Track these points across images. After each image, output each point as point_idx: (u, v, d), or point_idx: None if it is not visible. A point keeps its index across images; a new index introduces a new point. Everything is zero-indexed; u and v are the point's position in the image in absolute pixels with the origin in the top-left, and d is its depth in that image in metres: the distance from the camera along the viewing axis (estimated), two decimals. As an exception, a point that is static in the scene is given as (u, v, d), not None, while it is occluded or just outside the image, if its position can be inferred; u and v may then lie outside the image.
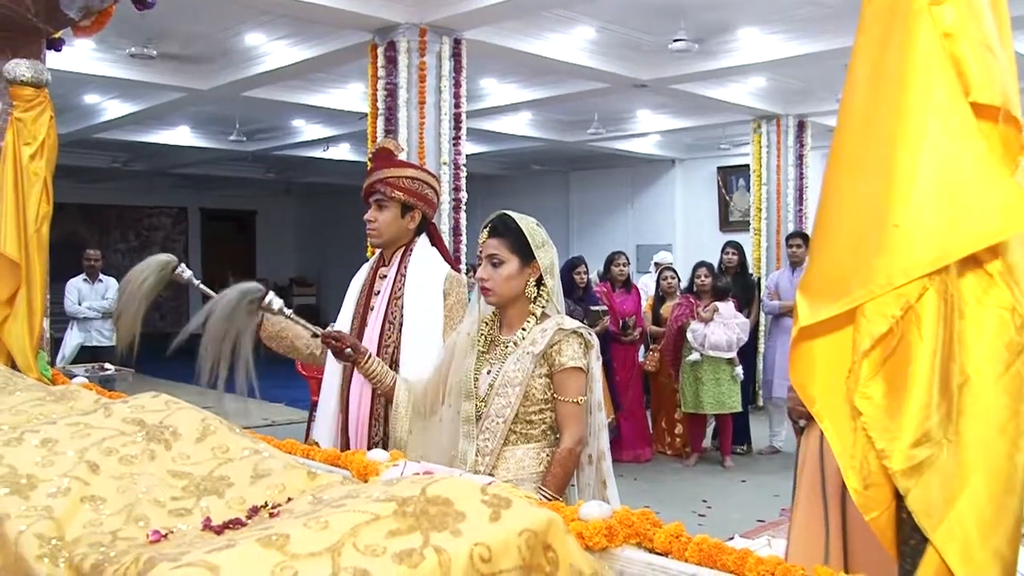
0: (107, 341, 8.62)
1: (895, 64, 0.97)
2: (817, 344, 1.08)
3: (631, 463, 7.54)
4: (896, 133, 0.96)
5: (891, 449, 0.95)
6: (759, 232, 11.11)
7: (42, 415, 1.91)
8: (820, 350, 1.08)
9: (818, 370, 1.08)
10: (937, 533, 0.93)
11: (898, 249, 0.94)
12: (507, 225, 2.54)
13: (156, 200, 20.29)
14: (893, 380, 0.97)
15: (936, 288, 0.95)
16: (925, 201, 0.94)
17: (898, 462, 0.94)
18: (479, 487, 1.10)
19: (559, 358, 2.45)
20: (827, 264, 1.03)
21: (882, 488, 0.99)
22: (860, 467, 1.00)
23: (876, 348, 0.97)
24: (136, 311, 2.78)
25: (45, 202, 3.09)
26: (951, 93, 0.95)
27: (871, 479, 0.99)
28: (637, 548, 1.46)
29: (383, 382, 2.75)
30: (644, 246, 15.40)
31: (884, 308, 0.96)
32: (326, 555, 0.96)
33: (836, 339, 1.06)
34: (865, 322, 0.98)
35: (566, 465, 2.43)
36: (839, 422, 1.04)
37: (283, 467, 1.48)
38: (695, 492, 6.82)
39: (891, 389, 0.97)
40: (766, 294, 8.36)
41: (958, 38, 0.94)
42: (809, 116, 11.19)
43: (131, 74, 9.04)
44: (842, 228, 1.02)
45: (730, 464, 7.62)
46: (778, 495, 6.52)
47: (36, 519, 1.32)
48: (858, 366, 0.99)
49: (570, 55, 8.46)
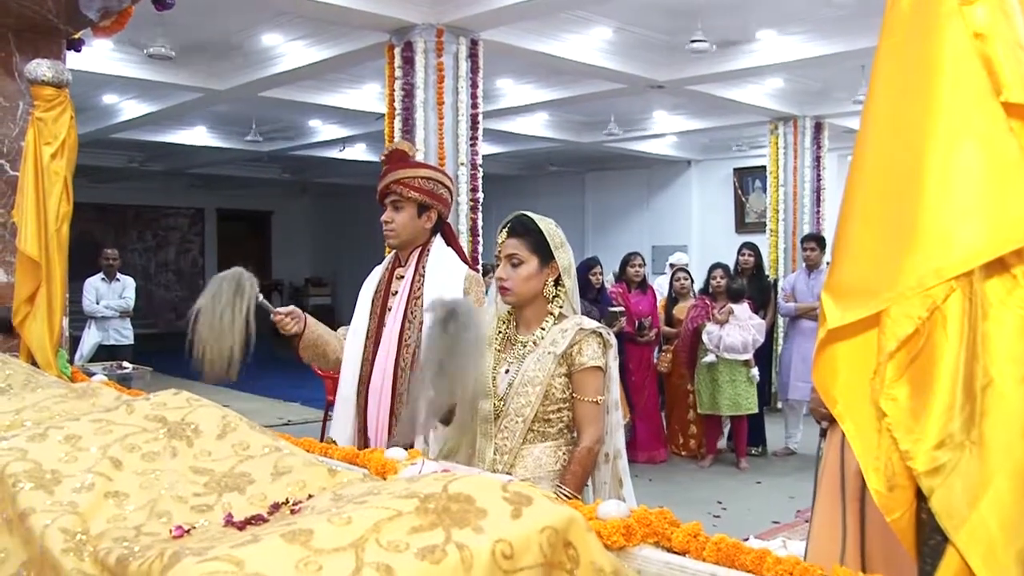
0: (125, 340, 8.69)
1: (924, 65, 0.97)
2: (840, 346, 1.07)
3: (646, 464, 7.53)
4: (925, 133, 0.96)
5: (915, 450, 0.95)
6: (775, 234, 11.07)
7: (65, 412, 1.93)
8: (843, 352, 1.07)
9: (841, 372, 1.08)
10: (960, 534, 0.93)
11: (929, 250, 0.94)
12: (526, 226, 2.55)
13: (173, 200, 20.41)
14: (918, 381, 0.97)
15: (962, 289, 0.95)
16: (956, 201, 0.94)
17: (922, 463, 0.94)
18: (500, 484, 1.11)
19: (579, 358, 2.46)
20: (854, 265, 1.03)
21: (906, 489, 0.99)
22: (884, 468, 1.00)
23: (902, 350, 0.97)
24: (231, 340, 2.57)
25: (65, 202, 3.11)
26: (982, 93, 0.94)
27: (895, 480, 0.99)
28: (655, 547, 1.46)
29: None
30: (660, 247, 15.38)
31: (910, 309, 0.96)
32: (350, 550, 0.96)
33: (859, 341, 1.05)
34: (891, 323, 0.97)
35: (585, 464, 2.45)
36: (862, 423, 1.04)
37: (304, 464, 1.49)
38: (710, 493, 6.81)
39: (916, 390, 0.97)
40: (782, 296, 8.33)
41: (990, 38, 0.94)
42: (826, 117, 11.16)
43: (149, 74, 9.09)
44: (869, 229, 1.01)
45: (745, 466, 7.61)
46: (793, 497, 6.50)
47: (61, 514, 1.33)
48: (883, 367, 0.99)
49: (587, 56, 8.45)
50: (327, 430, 3.55)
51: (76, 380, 2.97)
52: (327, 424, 7.47)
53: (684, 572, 1.38)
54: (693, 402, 7.78)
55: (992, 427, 0.93)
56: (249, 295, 2.66)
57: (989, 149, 0.94)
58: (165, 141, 13.57)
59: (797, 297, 7.96)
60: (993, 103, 0.94)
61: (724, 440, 8.09)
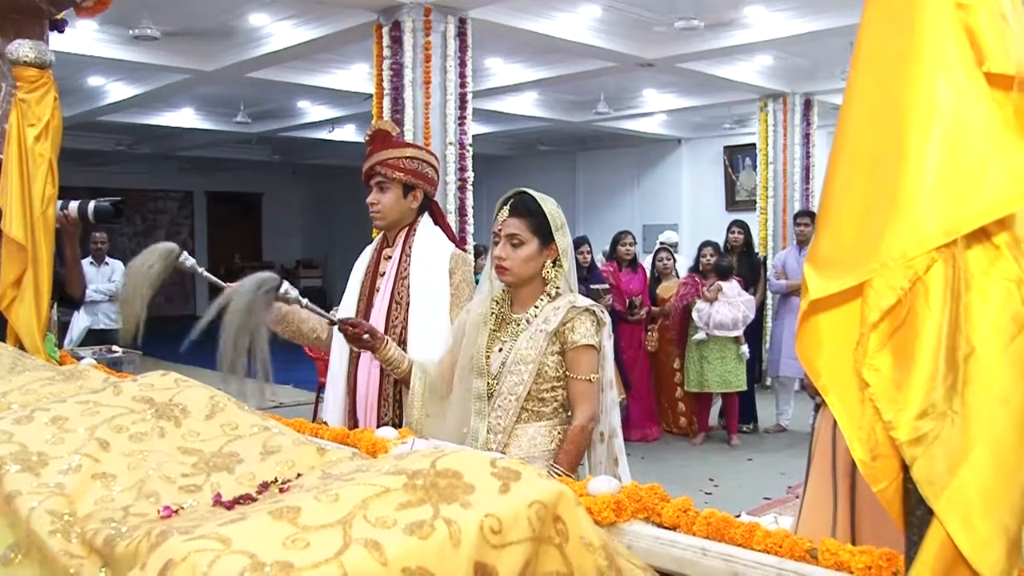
0: (114, 324, 8.62)
1: (905, 36, 0.96)
2: (822, 318, 1.08)
3: (639, 442, 7.57)
4: (906, 104, 0.96)
5: (898, 420, 0.95)
6: (765, 211, 11.09)
7: (51, 394, 1.92)
8: (825, 324, 1.08)
9: (824, 344, 1.08)
10: (939, 502, 0.94)
11: (911, 221, 0.94)
12: (528, 206, 2.53)
13: (161, 183, 20.29)
14: (900, 352, 0.97)
15: (944, 260, 0.95)
16: (939, 171, 0.93)
17: (904, 433, 0.95)
18: (488, 460, 1.11)
19: (571, 336, 2.46)
20: (836, 236, 1.03)
21: (889, 459, 1.00)
22: (868, 438, 1.00)
23: (884, 320, 0.98)
24: (140, 299, 2.79)
25: (51, 184, 3.09)
26: (964, 63, 0.94)
27: (878, 450, 1.00)
28: (645, 523, 1.47)
29: (400, 367, 2.74)
30: (650, 226, 15.38)
31: (892, 280, 0.96)
32: (337, 527, 0.97)
33: (841, 312, 1.06)
34: (873, 294, 0.98)
35: (578, 442, 2.45)
36: (846, 395, 1.04)
37: (292, 443, 1.50)
38: (702, 471, 6.85)
39: (898, 361, 0.97)
40: (772, 273, 8.36)
41: (972, 8, 0.93)
42: (815, 94, 11.16)
43: (134, 56, 9.00)
44: (851, 200, 1.01)
45: (736, 443, 7.66)
46: (784, 473, 6.55)
47: (48, 496, 1.32)
48: (866, 338, 0.99)
49: (576, 34, 8.42)
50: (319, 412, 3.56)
51: (64, 364, 2.96)
52: (319, 406, 7.50)
53: (675, 547, 1.39)
54: (681, 380, 7.82)
55: (974, 396, 0.93)
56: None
57: (971, 120, 0.94)
58: (153, 124, 13.49)
59: (788, 274, 7.98)
60: (976, 73, 0.94)
61: (716, 418, 8.13)
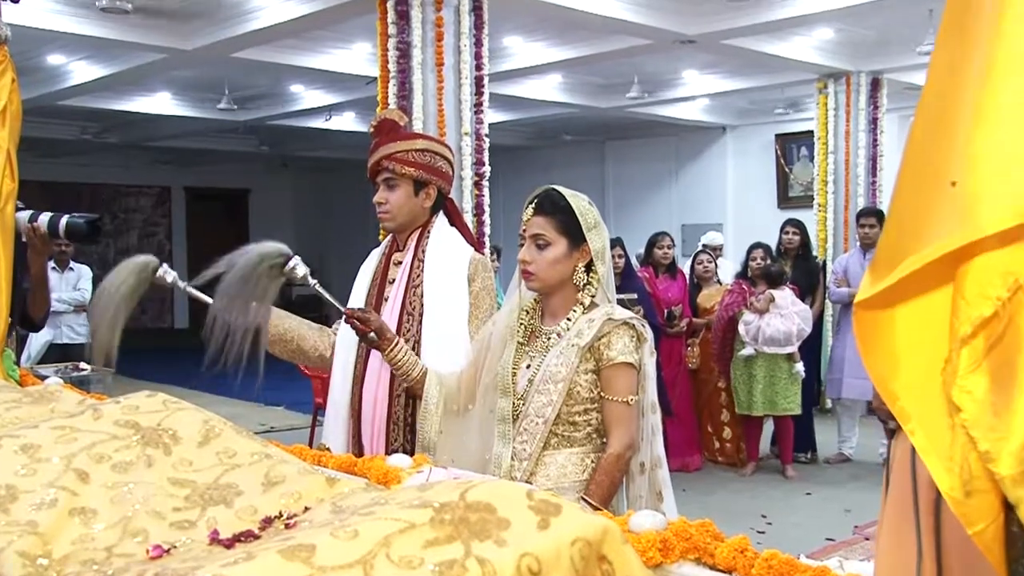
0: (80, 338, 8.58)
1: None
2: (899, 332, 1.06)
3: (678, 472, 7.53)
4: (991, 68, 0.93)
5: (998, 451, 0.93)
6: (824, 208, 11.02)
7: (18, 419, 1.93)
8: (903, 338, 1.06)
9: (902, 362, 1.07)
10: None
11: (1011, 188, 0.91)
12: (555, 202, 2.55)
13: (134, 178, 20.41)
14: (999, 372, 0.95)
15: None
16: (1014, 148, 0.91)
17: (1007, 466, 0.92)
18: (524, 492, 1.12)
19: (607, 352, 2.46)
20: (897, 229, 1.01)
21: (987, 496, 0.98)
22: (960, 471, 0.99)
23: (978, 335, 0.96)
24: (114, 320, 2.77)
25: (9, 178, 3.09)
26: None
27: (973, 485, 0.98)
28: (696, 564, 1.47)
29: (410, 374, 2.74)
30: (690, 226, 15.37)
31: (987, 288, 0.95)
32: (357, 567, 0.97)
33: (925, 325, 1.04)
34: (965, 305, 0.96)
35: (612, 473, 2.45)
36: (931, 421, 1.03)
37: (298, 473, 1.50)
38: (752, 506, 6.83)
39: (997, 382, 0.96)
40: (832, 280, 8.30)
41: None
42: (885, 73, 11.05)
43: (102, 31, 8.99)
44: (919, 191, 0.99)
45: (792, 474, 7.61)
46: (849, 510, 6.52)
47: (19, 535, 1.33)
48: (956, 355, 0.98)
49: (606, 7, 8.41)
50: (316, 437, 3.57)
51: (25, 384, 2.98)
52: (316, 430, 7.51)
53: (730, 592, 1.39)
54: (727, 401, 7.78)
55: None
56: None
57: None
58: (123, 109, 13.53)
59: (851, 281, 7.92)
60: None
61: (768, 445, 8.09)
